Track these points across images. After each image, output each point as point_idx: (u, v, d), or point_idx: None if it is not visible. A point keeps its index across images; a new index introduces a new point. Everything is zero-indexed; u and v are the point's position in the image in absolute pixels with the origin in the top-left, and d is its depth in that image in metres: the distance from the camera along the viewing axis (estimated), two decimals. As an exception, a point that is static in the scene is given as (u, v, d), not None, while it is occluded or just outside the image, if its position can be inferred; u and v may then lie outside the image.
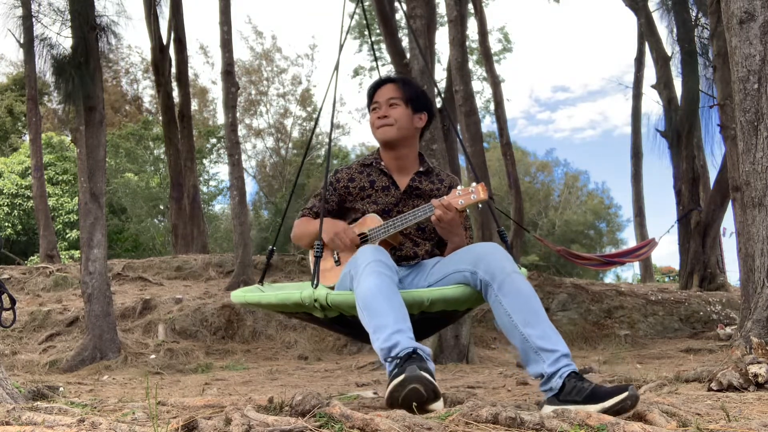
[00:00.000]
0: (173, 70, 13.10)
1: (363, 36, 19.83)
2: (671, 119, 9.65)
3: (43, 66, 6.68)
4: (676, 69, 9.65)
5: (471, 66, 17.41)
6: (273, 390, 3.84)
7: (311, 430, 1.42)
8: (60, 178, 18.90)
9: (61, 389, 2.94)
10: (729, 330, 6.79)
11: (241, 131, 23.58)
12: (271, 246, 2.61)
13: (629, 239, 32.04)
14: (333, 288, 2.22)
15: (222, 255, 11.42)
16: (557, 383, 1.78)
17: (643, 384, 2.69)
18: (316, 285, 2.11)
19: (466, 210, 2.23)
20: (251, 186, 27.25)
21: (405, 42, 7.36)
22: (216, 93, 25.51)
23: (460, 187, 2.19)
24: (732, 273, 11.76)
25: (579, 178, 30.18)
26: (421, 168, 2.42)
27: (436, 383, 1.68)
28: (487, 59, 14.70)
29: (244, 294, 2.41)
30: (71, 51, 6.35)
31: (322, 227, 2.23)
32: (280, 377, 5.09)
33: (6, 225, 17.78)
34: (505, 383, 3.85)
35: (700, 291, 8.82)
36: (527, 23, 45.38)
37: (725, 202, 8.66)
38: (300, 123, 24.61)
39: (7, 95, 22.56)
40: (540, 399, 1.96)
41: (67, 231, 18.00)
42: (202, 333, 7.17)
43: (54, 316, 7.42)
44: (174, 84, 13.26)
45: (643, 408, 1.65)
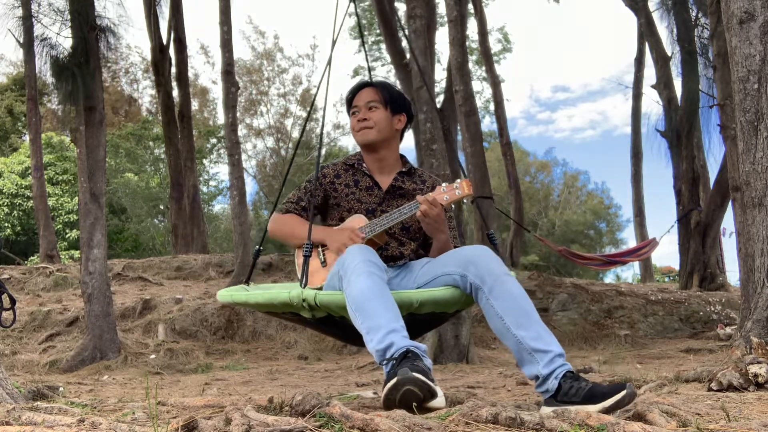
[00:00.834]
0: (173, 70, 13.10)
1: (363, 36, 19.83)
2: (671, 119, 9.64)
3: (43, 66, 6.67)
4: (676, 69, 9.66)
5: (471, 66, 17.40)
6: (273, 390, 3.84)
7: (311, 430, 1.42)
8: (60, 178, 18.90)
9: (61, 389, 2.94)
10: (729, 330, 6.78)
11: (242, 131, 23.59)
12: (258, 246, 2.58)
13: (629, 239, 32.07)
14: (320, 288, 2.22)
15: (222, 255, 11.42)
16: (553, 384, 1.78)
17: (643, 384, 2.69)
18: (304, 285, 2.12)
19: (452, 207, 2.25)
20: (251, 186, 27.28)
21: (405, 42, 7.36)
22: (216, 93, 25.52)
23: (444, 184, 2.23)
24: (732, 273, 11.76)
25: (578, 178, 30.22)
26: (404, 168, 2.47)
27: (430, 382, 1.66)
28: (487, 59, 14.71)
29: (230, 294, 2.38)
30: (71, 51, 6.35)
31: (311, 230, 2.23)
32: (280, 377, 5.09)
33: (6, 225, 17.78)
34: (505, 383, 3.85)
35: (700, 291, 8.82)
36: (527, 23, 45.40)
37: (725, 202, 8.66)
38: (300, 123, 24.62)
39: (7, 95, 22.57)
40: (539, 400, 1.96)
41: (67, 231, 18.00)
42: (202, 333, 7.17)
43: (54, 316, 7.42)
44: (174, 84, 13.26)
45: (643, 408, 1.65)
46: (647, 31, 10.27)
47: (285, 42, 48.13)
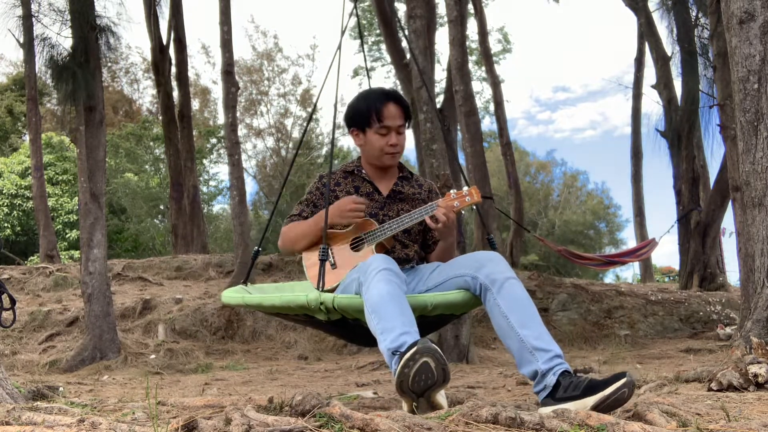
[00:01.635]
0: (173, 70, 13.10)
1: (363, 36, 19.81)
2: (671, 119, 9.64)
3: (43, 66, 6.67)
4: (676, 69, 9.66)
5: (471, 66, 17.41)
6: (273, 390, 3.84)
7: (311, 430, 1.42)
8: (60, 178, 18.90)
9: (61, 389, 2.94)
10: (729, 330, 6.78)
11: (242, 131, 23.58)
12: (257, 247, 2.62)
13: (629, 239, 32.08)
14: (332, 290, 2.26)
15: (222, 255, 11.42)
16: (551, 380, 1.81)
17: (643, 384, 2.69)
18: (322, 288, 2.18)
19: (462, 212, 2.31)
20: (251, 186, 27.29)
21: (405, 42, 7.36)
22: (217, 93, 25.52)
23: (454, 191, 2.30)
24: (732, 273, 11.76)
25: (578, 178, 30.22)
26: (402, 173, 2.53)
27: (447, 363, 1.73)
28: (487, 59, 14.71)
29: (241, 296, 2.39)
30: (71, 51, 6.35)
31: (325, 235, 2.27)
32: (280, 377, 5.09)
33: (6, 225, 17.78)
34: (505, 383, 3.86)
35: (700, 291, 8.82)
36: (527, 23, 45.41)
37: (725, 202, 8.66)
38: (300, 123, 24.61)
39: (7, 95, 22.57)
40: (539, 401, 1.96)
41: (67, 231, 17.99)
42: (202, 333, 7.17)
43: (54, 316, 7.42)
44: (174, 84, 13.26)
45: (643, 408, 1.65)
46: (647, 31, 10.27)
47: (284, 42, 48.15)
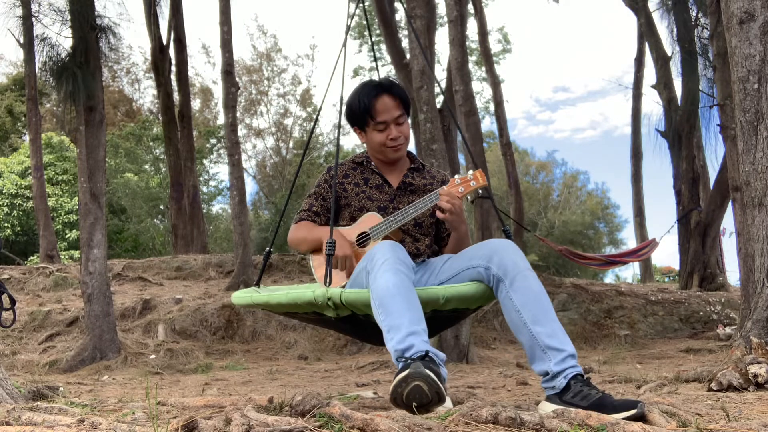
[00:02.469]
0: (173, 70, 13.11)
1: (363, 36, 19.83)
2: (671, 119, 9.64)
3: (43, 66, 6.66)
4: (676, 69, 9.66)
5: (471, 66, 17.41)
6: (273, 390, 3.84)
7: (311, 430, 1.42)
8: (60, 178, 18.89)
9: (61, 389, 2.94)
10: (729, 330, 6.78)
11: (242, 131, 23.60)
12: (268, 248, 2.56)
13: (629, 239, 32.08)
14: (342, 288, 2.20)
15: (222, 255, 11.42)
16: (561, 383, 1.78)
17: (643, 384, 2.69)
18: (329, 284, 2.09)
19: (467, 199, 2.23)
20: (251, 186, 27.28)
21: (405, 42, 7.36)
22: (217, 93, 25.54)
23: (458, 176, 2.20)
24: (732, 273, 11.77)
25: (578, 178, 30.21)
26: (413, 165, 2.45)
27: (441, 386, 1.64)
28: (487, 59, 14.70)
29: (249, 296, 2.35)
30: (71, 51, 6.35)
31: (332, 229, 2.20)
32: (280, 377, 5.09)
33: (6, 225, 17.77)
34: (505, 383, 3.86)
35: (700, 291, 8.82)
36: (527, 23, 45.41)
37: (725, 202, 8.66)
38: (300, 123, 24.63)
39: (7, 95, 22.56)
40: (539, 399, 1.96)
41: (67, 231, 17.99)
42: (202, 333, 7.17)
43: (54, 316, 7.42)
44: (174, 84, 13.26)
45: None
46: (647, 31, 10.27)
47: (284, 42, 48.14)
